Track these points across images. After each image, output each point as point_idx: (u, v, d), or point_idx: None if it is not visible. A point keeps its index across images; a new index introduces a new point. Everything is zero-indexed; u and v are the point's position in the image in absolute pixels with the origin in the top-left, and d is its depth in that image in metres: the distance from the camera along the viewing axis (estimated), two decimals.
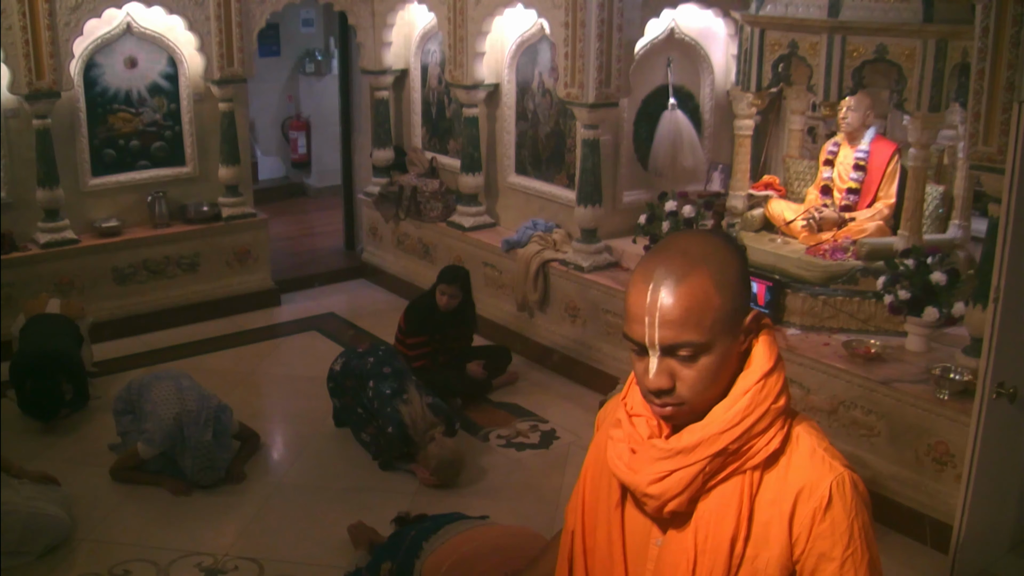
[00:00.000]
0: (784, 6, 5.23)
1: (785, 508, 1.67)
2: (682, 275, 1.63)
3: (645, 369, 1.68)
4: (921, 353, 5.01)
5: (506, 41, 6.95)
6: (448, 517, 4.21)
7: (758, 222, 5.88)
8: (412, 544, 4.00)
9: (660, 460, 1.70)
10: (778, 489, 1.69)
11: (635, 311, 1.66)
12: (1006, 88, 4.23)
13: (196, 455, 4.93)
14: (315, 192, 10.85)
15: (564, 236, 6.62)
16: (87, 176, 6.94)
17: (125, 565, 4.44)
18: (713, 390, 1.68)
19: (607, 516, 1.83)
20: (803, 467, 1.69)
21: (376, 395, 5.27)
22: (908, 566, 4.51)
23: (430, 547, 3.93)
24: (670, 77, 6.54)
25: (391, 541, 4.19)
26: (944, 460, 4.57)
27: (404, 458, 5.25)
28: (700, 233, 1.74)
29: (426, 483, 5.11)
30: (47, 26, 6.32)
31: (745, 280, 1.70)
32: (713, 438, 1.67)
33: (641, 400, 1.77)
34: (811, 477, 1.68)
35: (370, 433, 5.37)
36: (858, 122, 5.65)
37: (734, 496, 1.68)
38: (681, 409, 1.69)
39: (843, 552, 1.66)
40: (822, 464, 1.70)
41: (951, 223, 5.45)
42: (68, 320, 6.00)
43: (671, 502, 1.70)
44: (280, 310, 7.60)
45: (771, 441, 1.69)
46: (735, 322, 1.67)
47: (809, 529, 1.66)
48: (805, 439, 1.73)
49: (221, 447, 5.06)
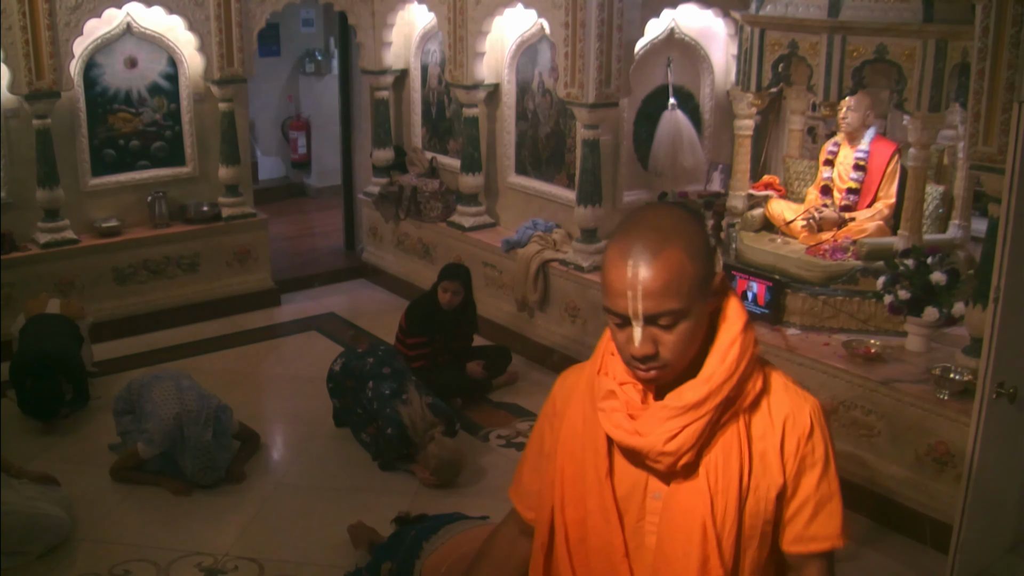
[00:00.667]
0: (784, 6, 5.23)
1: (775, 438, 1.89)
2: (658, 249, 1.78)
3: (629, 338, 1.83)
4: (921, 353, 5.01)
5: (506, 41, 6.95)
6: (448, 517, 4.21)
7: (758, 222, 5.88)
8: (412, 544, 4.00)
9: (671, 419, 1.85)
10: (766, 423, 1.90)
11: (617, 286, 1.80)
12: (1006, 88, 4.23)
13: (196, 455, 4.93)
14: (315, 192, 10.85)
15: (564, 236, 6.62)
16: (87, 176, 6.94)
17: (125, 565, 4.44)
18: (691, 350, 1.85)
19: (597, 486, 1.94)
20: (782, 401, 1.91)
21: (376, 396, 5.27)
22: (908, 566, 4.51)
23: (430, 547, 3.93)
24: (670, 77, 6.54)
25: (391, 541, 4.18)
26: (944, 460, 4.57)
27: (404, 458, 5.25)
28: (665, 206, 1.91)
29: (426, 483, 5.11)
30: (47, 26, 6.32)
31: (709, 246, 1.87)
32: (718, 388, 1.84)
33: (624, 369, 1.91)
34: (792, 408, 1.91)
35: (370, 433, 5.37)
36: (858, 122, 5.66)
37: (733, 438, 1.87)
38: (664, 371, 1.85)
39: (823, 464, 1.93)
40: (797, 396, 1.93)
41: (951, 223, 5.45)
42: (68, 320, 6.00)
43: (685, 455, 1.85)
44: (280, 310, 7.60)
45: (756, 383, 1.90)
46: (706, 286, 1.83)
47: (796, 452, 1.89)
48: (775, 378, 1.94)
49: (221, 447, 5.06)
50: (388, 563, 4.03)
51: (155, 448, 4.96)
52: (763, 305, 5.39)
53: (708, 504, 1.86)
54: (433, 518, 4.25)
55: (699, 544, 1.86)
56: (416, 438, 5.13)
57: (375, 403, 5.26)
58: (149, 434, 4.95)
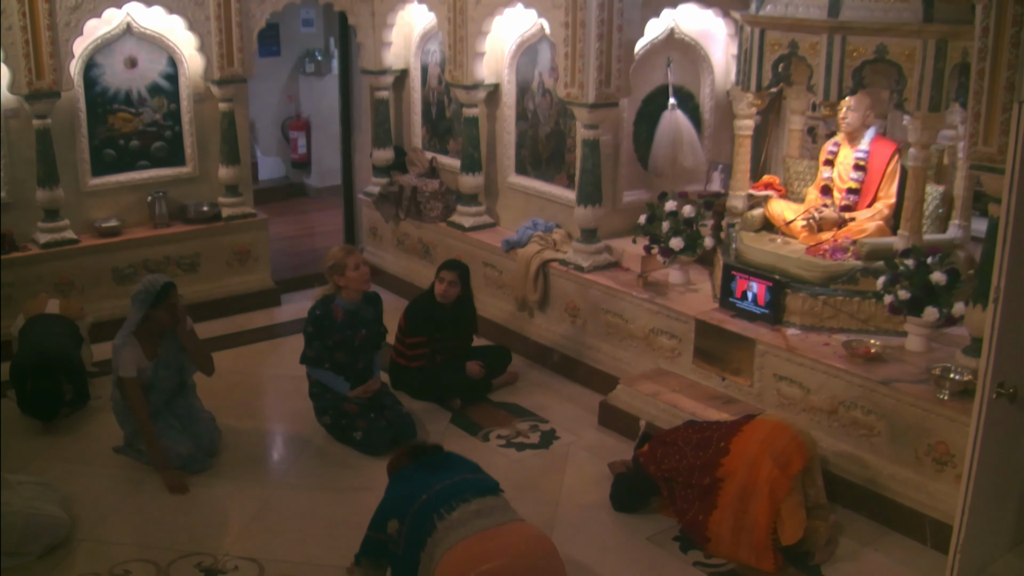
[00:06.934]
0: (784, 6, 5.23)
1: None
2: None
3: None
4: (921, 353, 5.01)
5: (506, 41, 6.95)
6: (462, 464, 4.13)
7: (758, 222, 5.88)
8: (423, 513, 3.86)
9: None
10: None
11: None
12: (1006, 88, 4.23)
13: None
14: (315, 192, 10.85)
15: (564, 236, 6.62)
16: (87, 176, 6.94)
17: (125, 565, 4.44)
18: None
19: None
20: None
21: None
22: (908, 566, 4.51)
23: (444, 537, 3.79)
24: (670, 77, 6.54)
25: (399, 489, 4.04)
26: (944, 460, 4.58)
27: (395, 441, 5.35)
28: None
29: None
30: (47, 26, 6.32)
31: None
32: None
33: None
34: None
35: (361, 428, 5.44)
36: (858, 122, 5.66)
37: None
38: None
39: None
40: None
41: (951, 223, 5.45)
42: (68, 320, 6.01)
43: None
44: (280, 310, 7.60)
45: None
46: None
47: None
48: None
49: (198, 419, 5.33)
50: (395, 521, 3.92)
51: (119, 380, 5.07)
52: (763, 305, 5.39)
53: None
54: (446, 465, 4.12)
55: None
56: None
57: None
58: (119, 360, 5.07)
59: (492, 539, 3.81)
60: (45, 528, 4.46)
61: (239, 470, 5.29)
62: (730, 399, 5.42)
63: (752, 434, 4.62)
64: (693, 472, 4.63)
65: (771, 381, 5.25)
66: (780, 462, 4.46)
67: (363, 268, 5.54)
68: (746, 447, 4.57)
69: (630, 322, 6.00)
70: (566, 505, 4.98)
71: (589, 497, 5.04)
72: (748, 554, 4.47)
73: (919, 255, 4.93)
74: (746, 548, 4.48)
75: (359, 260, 5.55)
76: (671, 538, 4.69)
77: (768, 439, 4.55)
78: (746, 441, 4.60)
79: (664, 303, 5.80)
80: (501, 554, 3.76)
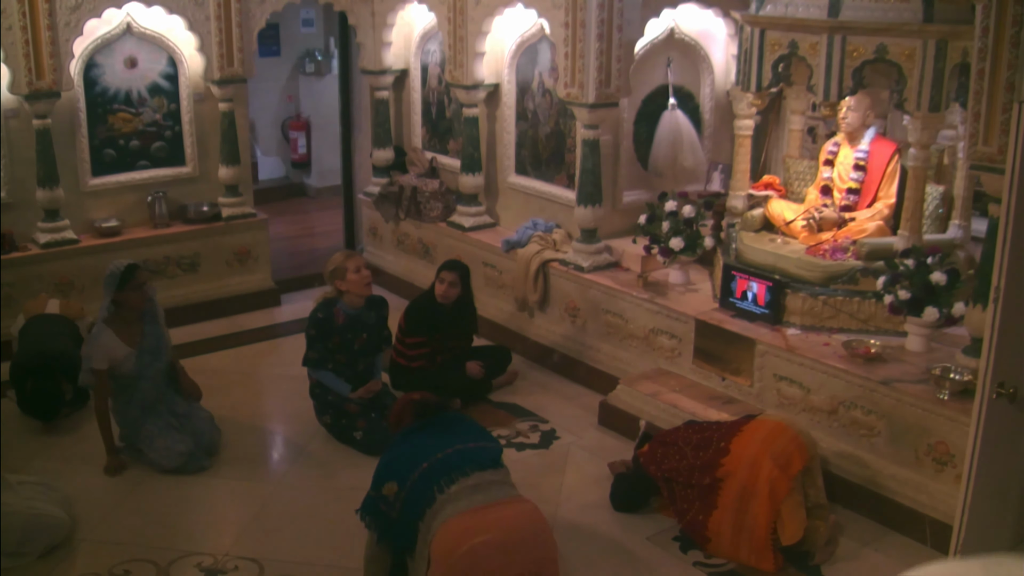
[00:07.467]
0: (784, 6, 5.23)
1: None
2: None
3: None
4: (921, 353, 5.01)
5: (506, 41, 6.95)
6: (467, 429, 4.11)
7: (758, 222, 5.88)
8: (424, 481, 3.85)
9: None
10: None
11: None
12: (1006, 88, 4.23)
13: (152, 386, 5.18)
14: (315, 192, 10.85)
15: (564, 236, 6.62)
16: (87, 176, 6.94)
17: (125, 565, 4.44)
18: None
19: None
20: None
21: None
22: (908, 566, 4.47)
23: (440, 510, 3.80)
24: (670, 77, 6.54)
25: (402, 450, 4.02)
26: (944, 460, 4.58)
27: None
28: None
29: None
30: (47, 26, 6.32)
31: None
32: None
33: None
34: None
35: (361, 427, 5.44)
36: (858, 122, 5.66)
37: None
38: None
39: None
40: None
41: (951, 223, 5.45)
42: (68, 320, 6.01)
43: None
44: (280, 310, 7.60)
45: None
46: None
47: None
48: None
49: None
50: (393, 484, 3.91)
51: (90, 370, 5.09)
52: (763, 305, 5.39)
53: None
54: (451, 428, 4.09)
55: None
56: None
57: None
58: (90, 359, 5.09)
59: (486, 514, 3.84)
60: (45, 528, 4.46)
61: (239, 470, 5.29)
62: (730, 399, 5.42)
63: (752, 434, 4.62)
64: (693, 472, 4.63)
65: (771, 381, 5.25)
66: (780, 462, 4.46)
67: (364, 272, 5.53)
68: (746, 447, 4.57)
69: (630, 322, 6.00)
70: (566, 505, 4.98)
71: (589, 497, 5.04)
72: (748, 554, 4.48)
73: (919, 255, 4.93)
74: (746, 548, 4.48)
75: (360, 264, 5.55)
76: (671, 538, 4.69)
77: (768, 439, 4.56)
78: (746, 441, 4.60)
79: (664, 303, 5.80)
80: (493, 528, 3.80)
